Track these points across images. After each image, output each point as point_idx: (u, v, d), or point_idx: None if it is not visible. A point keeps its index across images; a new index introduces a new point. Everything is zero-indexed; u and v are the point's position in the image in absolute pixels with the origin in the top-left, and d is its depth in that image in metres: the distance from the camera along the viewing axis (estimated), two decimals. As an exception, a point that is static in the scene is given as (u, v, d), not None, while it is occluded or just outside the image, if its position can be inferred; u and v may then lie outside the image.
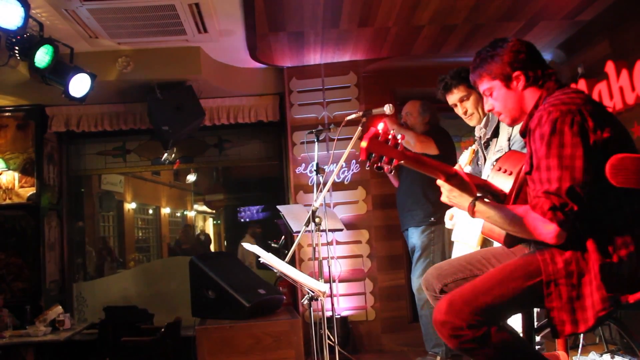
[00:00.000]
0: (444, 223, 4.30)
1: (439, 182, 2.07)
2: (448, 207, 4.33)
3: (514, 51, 2.08)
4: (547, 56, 5.64)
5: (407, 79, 5.81)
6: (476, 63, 2.17)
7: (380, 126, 1.87)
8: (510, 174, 2.17)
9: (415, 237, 4.37)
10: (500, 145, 3.17)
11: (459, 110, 3.44)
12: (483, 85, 2.17)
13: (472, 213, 2.01)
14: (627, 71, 4.29)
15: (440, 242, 4.38)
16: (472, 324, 1.88)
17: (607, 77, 4.49)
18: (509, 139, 3.12)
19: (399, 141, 1.86)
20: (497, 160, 3.01)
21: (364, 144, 1.82)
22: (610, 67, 4.45)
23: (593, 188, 1.83)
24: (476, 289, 1.95)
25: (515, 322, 2.23)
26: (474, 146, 3.29)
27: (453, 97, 3.43)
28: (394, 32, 5.01)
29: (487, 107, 2.21)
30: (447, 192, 2.08)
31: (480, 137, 3.38)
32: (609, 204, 1.87)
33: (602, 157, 1.84)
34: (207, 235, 11.50)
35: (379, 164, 1.86)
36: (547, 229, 1.81)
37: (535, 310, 3.06)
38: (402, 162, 1.89)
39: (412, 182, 4.42)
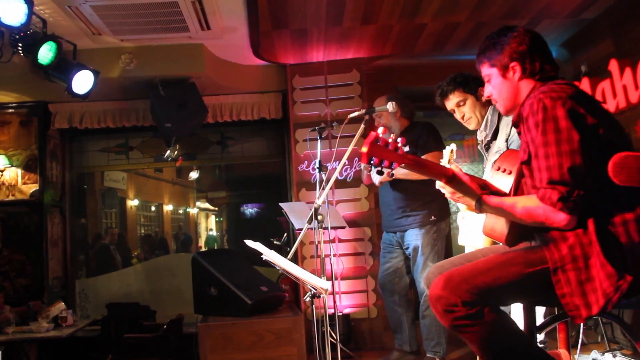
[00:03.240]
0: (444, 220, 4.33)
1: (439, 184, 2.07)
2: (445, 204, 4.35)
3: (516, 42, 2.09)
4: (550, 54, 5.63)
5: (410, 76, 5.81)
6: (481, 48, 2.20)
7: (380, 130, 1.87)
8: (510, 172, 2.17)
9: (418, 238, 4.30)
10: (498, 147, 3.18)
11: (457, 115, 3.48)
12: (483, 71, 2.20)
13: (480, 211, 2.02)
14: (631, 69, 4.28)
15: (443, 239, 4.36)
16: (467, 301, 1.89)
17: (610, 75, 4.49)
18: (506, 140, 3.13)
19: (399, 145, 1.86)
20: (495, 159, 3.03)
21: (364, 148, 1.82)
22: (613, 65, 4.45)
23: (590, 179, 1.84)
24: (475, 269, 1.97)
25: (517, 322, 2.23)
26: (452, 146, 3.31)
27: (450, 103, 3.45)
28: (397, 29, 5.00)
29: (486, 93, 2.23)
30: (450, 195, 2.09)
31: (482, 140, 3.39)
32: (605, 195, 1.88)
33: (595, 146, 1.86)
34: (187, 235, 11.01)
35: (380, 168, 1.86)
36: (559, 218, 1.84)
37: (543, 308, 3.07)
38: (402, 165, 1.89)
39: (407, 184, 4.29)
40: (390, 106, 3.49)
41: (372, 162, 1.84)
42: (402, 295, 4.46)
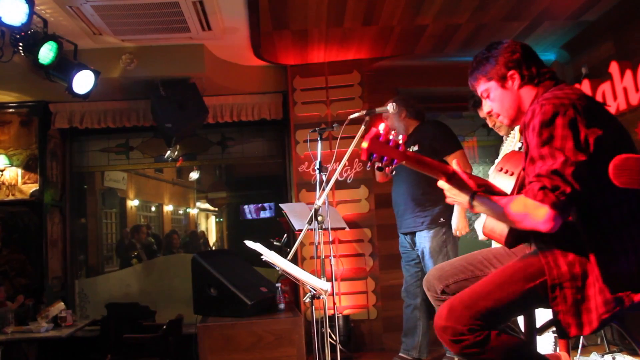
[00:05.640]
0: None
1: (441, 182, 2.06)
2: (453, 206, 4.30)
3: (508, 51, 2.10)
4: (551, 56, 5.64)
5: (411, 78, 5.81)
6: (472, 66, 2.20)
7: (381, 126, 1.87)
8: (512, 174, 2.17)
9: (425, 240, 4.27)
10: None
11: (489, 122, 3.57)
12: (480, 88, 2.19)
13: (471, 208, 2.01)
14: (631, 72, 4.28)
15: (453, 240, 4.29)
16: (472, 329, 1.89)
17: (611, 77, 4.48)
18: None
19: (400, 141, 1.86)
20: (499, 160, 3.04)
21: (364, 144, 1.82)
22: (614, 67, 4.44)
23: (590, 185, 1.82)
24: (476, 294, 1.96)
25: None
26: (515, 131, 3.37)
27: (482, 112, 3.49)
28: (397, 30, 5.00)
29: (485, 109, 2.22)
30: (447, 192, 2.08)
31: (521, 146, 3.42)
32: (606, 202, 1.87)
33: (597, 154, 1.83)
34: (156, 236, 9.85)
35: (380, 165, 1.86)
36: (539, 212, 1.77)
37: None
38: (403, 162, 1.88)
39: (415, 184, 4.30)
40: (391, 107, 3.48)
41: (372, 158, 1.84)
42: (425, 298, 4.34)
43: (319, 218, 3.50)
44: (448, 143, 4.27)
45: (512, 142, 3.55)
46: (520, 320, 2.34)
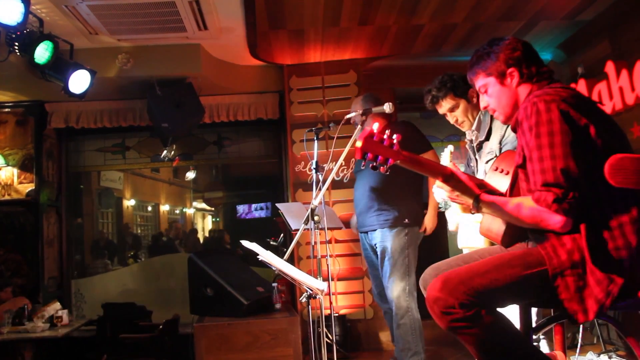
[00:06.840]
0: (417, 225, 4.22)
1: (438, 183, 2.06)
2: (421, 210, 4.24)
3: (509, 49, 2.11)
4: (547, 56, 5.65)
5: (407, 77, 5.82)
6: (473, 61, 2.20)
7: (375, 126, 1.87)
8: (507, 173, 2.17)
9: (387, 239, 4.16)
10: (490, 148, 3.17)
11: (450, 119, 3.44)
12: (478, 82, 2.20)
13: (477, 210, 2.02)
14: (627, 71, 4.29)
15: (415, 244, 4.22)
16: (464, 303, 1.89)
17: (607, 77, 4.50)
18: (500, 142, 3.11)
19: (394, 141, 1.86)
20: (493, 160, 3.02)
21: (359, 143, 1.82)
22: (610, 67, 4.46)
23: (585, 181, 1.84)
24: (473, 270, 1.96)
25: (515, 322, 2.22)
26: (450, 147, 3.28)
27: (442, 109, 3.42)
28: (394, 30, 5.01)
29: (482, 104, 2.22)
30: (449, 193, 2.08)
31: (472, 140, 3.37)
32: (600, 196, 1.88)
33: (590, 149, 1.85)
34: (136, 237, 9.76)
35: (375, 164, 1.86)
36: (554, 220, 1.83)
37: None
38: (398, 162, 1.89)
39: (379, 184, 4.20)
40: (387, 107, 3.48)
41: (366, 157, 1.84)
42: None
43: (316, 218, 3.49)
44: (421, 143, 4.21)
45: (446, 158, 3.49)
46: (518, 320, 2.34)
